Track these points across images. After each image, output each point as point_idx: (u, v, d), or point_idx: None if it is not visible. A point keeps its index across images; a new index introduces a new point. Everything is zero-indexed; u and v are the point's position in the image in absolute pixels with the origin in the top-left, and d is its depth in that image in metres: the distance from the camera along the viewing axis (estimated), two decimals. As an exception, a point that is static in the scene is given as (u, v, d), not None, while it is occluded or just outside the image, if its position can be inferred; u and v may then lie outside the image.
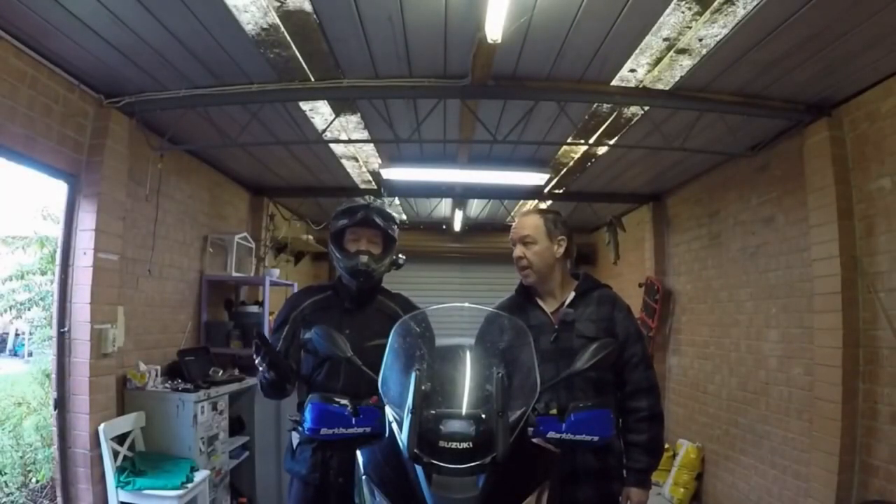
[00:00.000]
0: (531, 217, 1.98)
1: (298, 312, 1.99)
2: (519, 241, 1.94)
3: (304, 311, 1.99)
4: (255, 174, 5.09)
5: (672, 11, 2.35)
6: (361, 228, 1.92)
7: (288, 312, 2.01)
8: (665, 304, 5.38)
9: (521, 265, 1.93)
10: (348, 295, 1.99)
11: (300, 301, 2.03)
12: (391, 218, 1.98)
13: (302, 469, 1.87)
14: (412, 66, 2.94)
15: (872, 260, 2.94)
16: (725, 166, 4.39)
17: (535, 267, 1.91)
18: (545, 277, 1.93)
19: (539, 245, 1.91)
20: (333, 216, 1.97)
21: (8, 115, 2.58)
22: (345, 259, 1.91)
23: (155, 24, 2.49)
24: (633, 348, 1.88)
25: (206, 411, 3.48)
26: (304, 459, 1.86)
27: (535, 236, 1.92)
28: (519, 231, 1.96)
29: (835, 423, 3.00)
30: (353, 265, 1.89)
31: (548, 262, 1.92)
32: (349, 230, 1.93)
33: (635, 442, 1.85)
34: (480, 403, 1.28)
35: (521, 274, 1.95)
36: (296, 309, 2.00)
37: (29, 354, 7.17)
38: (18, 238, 4.71)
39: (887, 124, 2.84)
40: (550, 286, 1.95)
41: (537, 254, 1.91)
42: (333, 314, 1.95)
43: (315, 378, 1.89)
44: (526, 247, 1.92)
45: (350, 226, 1.91)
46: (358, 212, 1.89)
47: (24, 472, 3.91)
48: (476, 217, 7.16)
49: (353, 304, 1.98)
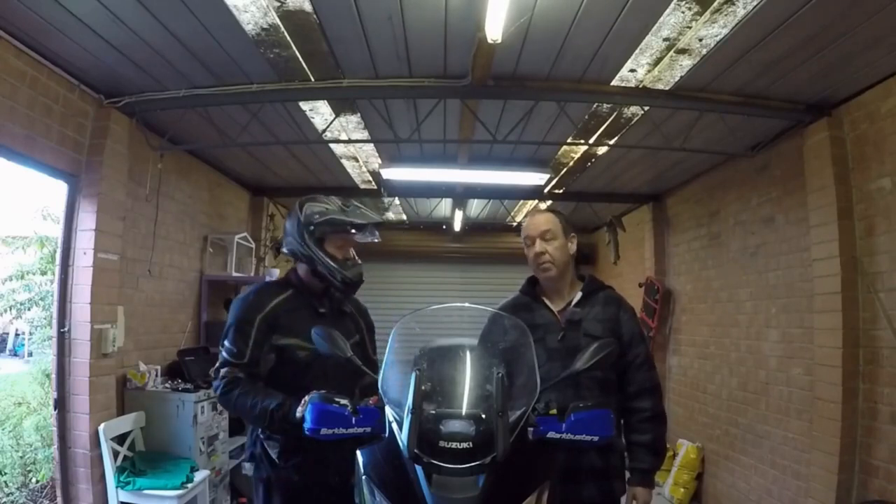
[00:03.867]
0: (546, 214, 1.99)
1: (264, 314, 1.82)
2: (539, 237, 1.93)
3: (272, 314, 1.83)
4: (255, 174, 5.09)
5: (672, 11, 2.35)
6: (351, 235, 1.89)
7: (248, 314, 1.82)
8: (665, 304, 5.38)
9: (543, 260, 1.91)
10: (316, 296, 1.94)
11: (263, 302, 1.85)
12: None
13: (293, 475, 1.81)
14: (412, 66, 2.94)
15: (872, 260, 2.94)
16: (725, 166, 4.38)
17: (556, 262, 1.91)
18: (563, 273, 1.94)
19: (558, 240, 1.93)
20: (323, 218, 1.84)
21: (8, 115, 2.59)
22: (341, 268, 1.86)
23: (155, 24, 2.49)
24: (637, 349, 1.90)
25: (206, 411, 3.48)
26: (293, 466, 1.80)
27: (555, 231, 1.93)
28: (538, 227, 1.95)
29: (835, 423, 3.00)
30: (353, 276, 1.87)
31: (566, 258, 1.94)
32: (337, 234, 1.87)
33: (639, 442, 1.86)
34: (480, 403, 1.28)
35: (542, 269, 1.92)
36: (260, 311, 1.83)
37: (29, 354, 7.17)
38: (18, 238, 4.72)
39: (887, 124, 2.84)
40: (562, 284, 1.96)
41: (558, 248, 1.92)
42: (305, 316, 1.86)
43: (301, 383, 1.73)
44: (547, 242, 1.92)
45: (344, 233, 1.87)
46: (366, 226, 1.86)
47: (24, 472, 3.91)
48: (476, 217, 7.16)
49: (329, 308, 1.95)
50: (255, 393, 1.72)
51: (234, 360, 1.77)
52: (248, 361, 1.78)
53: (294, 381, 1.78)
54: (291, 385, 1.74)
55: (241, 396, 1.73)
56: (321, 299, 1.95)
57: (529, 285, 2.03)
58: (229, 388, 1.75)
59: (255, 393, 1.72)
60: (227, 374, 1.77)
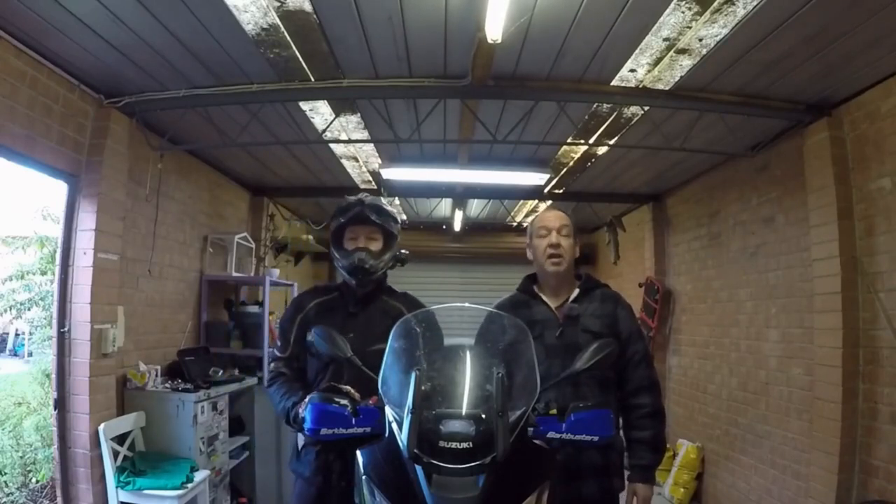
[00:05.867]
0: (562, 213, 2.02)
1: (304, 314, 1.96)
2: (556, 230, 1.95)
3: (309, 313, 1.96)
4: (255, 174, 5.09)
5: (672, 11, 2.35)
6: (359, 226, 1.90)
7: (293, 314, 1.98)
8: (665, 304, 5.38)
9: (555, 252, 1.93)
10: (352, 297, 1.97)
11: (305, 302, 2.00)
12: (388, 213, 1.94)
13: (305, 470, 1.86)
14: (412, 66, 2.94)
15: (872, 260, 2.94)
16: (725, 166, 4.38)
17: (567, 257, 1.94)
18: (568, 272, 1.97)
19: (571, 239, 1.96)
20: (331, 216, 1.95)
21: (8, 115, 2.58)
22: (342, 257, 1.89)
23: (155, 24, 2.49)
24: (636, 346, 1.91)
25: (206, 411, 3.48)
26: (307, 461, 1.86)
27: (570, 229, 1.97)
28: (556, 221, 1.97)
29: (835, 423, 3.00)
30: (350, 262, 1.87)
31: (573, 258, 1.97)
32: (348, 229, 1.91)
33: (639, 439, 1.86)
34: (480, 403, 1.28)
35: (554, 262, 1.93)
36: (301, 311, 1.97)
37: (29, 354, 7.17)
38: (18, 238, 4.72)
39: (887, 124, 2.84)
40: (563, 282, 1.97)
41: (571, 246, 1.95)
42: (337, 316, 1.92)
43: (320, 381, 1.86)
44: (563, 237, 1.94)
45: (346, 224, 1.89)
46: (352, 209, 1.87)
47: (24, 472, 3.91)
48: (476, 217, 7.16)
49: (357, 307, 1.96)
50: (285, 389, 1.82)
51: (279, 353, 1.96)
52: (289, 356, 1.94)
53: (318, 378, 1.89)
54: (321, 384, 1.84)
55: (276, 391, 1.85)
56: (358, 299, 1.96)
57: (527, 282, 2.04)
58: (271, 382, 1.90)
59: (285, 389, 1.82)
60: (273, 369, 1.94)
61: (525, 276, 2.08)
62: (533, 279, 2.05)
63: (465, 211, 6.66)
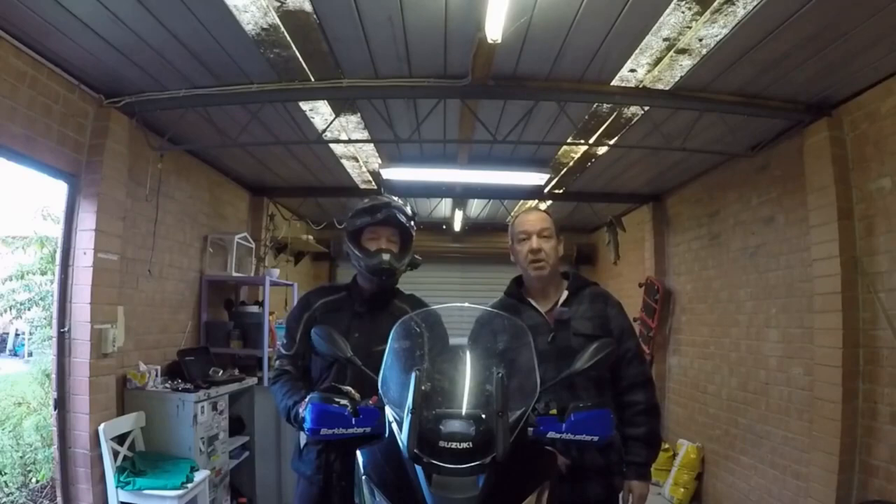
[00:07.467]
0: (541, 214, 1.99)
1: (310, 313, 1.96)
2: (536, 234, 1.91)
3: (316, 312, 1.95)
4: (255, 174, 5.09)
5: (672, 11, 2.35)
6: (382, 227, 1.89)
7: (300, 312, 1.98)
8: (665, 304, 5.37)
9: (538, 258, 1.89)
10: (361, 297, 1.96)
11: (312, 301, 1.99)
12: (412, 216, 1.95)
13: (307, 469, 1.87)
14: (412, 66, 2.94)
15: (872, 260, 2.94)
16: (725, 166, 4.38)
17: (550, 261, 1.90)
18: (553, 273, 1.94)
19: (553, 240, 1.93)
20: (352, 214, 1.92)
21: (8, 115, 2.58)
22: (366, 258, 1.87)
23: (155, 24, 2.49)
24: (628, 343, 1.90)
25: (206, 411, 3.48)
26: (309, 460, 1.86)
27: (551, 231, 1.93)
28: (536, 224, 1.93)
29: (835, 423, 3.00)
30: (375, 264, 1.85)
31: (557, 259, 1.94)
32: (368, 229, 1.90)
33: (634, 435, 1.86)
34: (480, 403, 1.28)
35: (536, 267, 1.90)
36: (308, 309, 1.97)
37: (29, 354, 7.17)
38: (18, 238, 4.71)
39: (887, 124, 2.84)
40: (549, 284, 1.95)
41: (553, 248, 1.92)
42: (343, 316, 1.92)
43: (324, 380, 1.86)
44: (543, 240, 1.91)
45: (372, 224, 1.88)
46: (380, 210, 1.86)
47: (24, 472, 3.91)
48: (476, 217, 7.16)
49: (364, 307, 1.95)
50: (287, 388, 1.82)
51: (284, 351, 1.96)
52: (294, 354, 1.94)
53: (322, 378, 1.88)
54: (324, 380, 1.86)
55: (279, 389, 1.86)
56: (365, 300, 1.96)
57: (515, 287, 2.01)
58: (275, 380, 1.90)
59: (287, 388, 1.82)
60: (278, 367, 1.94)
61: (512, 279, 2.05)
62: (520, 281, 2.03)
63: (465, 211, 6.66)
